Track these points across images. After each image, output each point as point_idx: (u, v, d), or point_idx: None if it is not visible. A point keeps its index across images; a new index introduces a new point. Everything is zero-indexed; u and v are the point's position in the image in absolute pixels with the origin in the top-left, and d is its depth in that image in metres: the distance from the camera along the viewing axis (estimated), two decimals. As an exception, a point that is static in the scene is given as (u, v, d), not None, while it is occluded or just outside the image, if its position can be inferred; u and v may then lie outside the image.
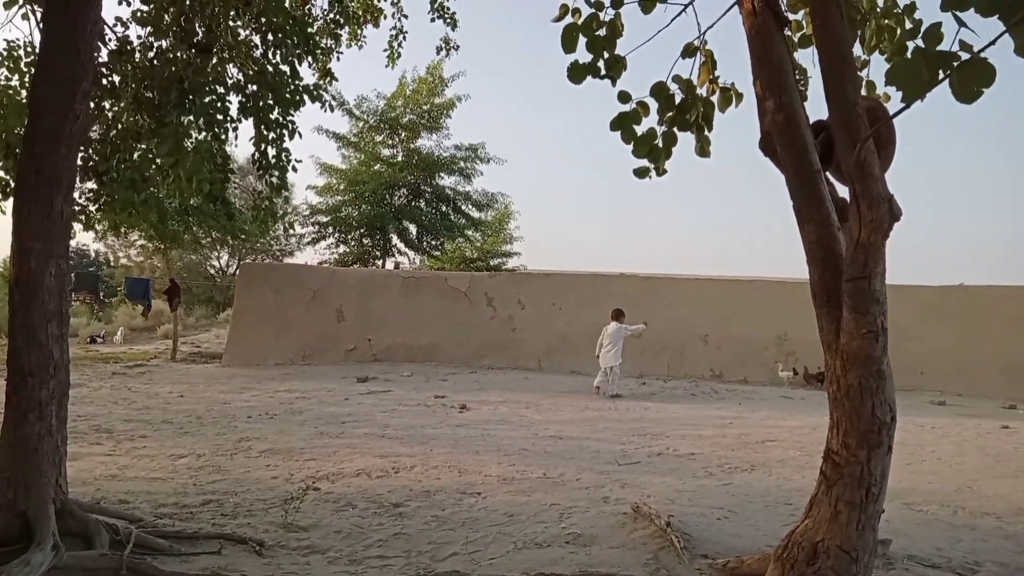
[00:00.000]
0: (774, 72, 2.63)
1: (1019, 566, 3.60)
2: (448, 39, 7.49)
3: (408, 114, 19.01)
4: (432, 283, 14.88)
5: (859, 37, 3.78)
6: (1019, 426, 9.07)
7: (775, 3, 2.73)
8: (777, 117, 2.63)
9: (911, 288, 13.70)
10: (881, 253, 2.39)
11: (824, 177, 2.77)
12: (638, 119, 3.71)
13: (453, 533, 3.91)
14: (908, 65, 2.09)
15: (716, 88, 3.83)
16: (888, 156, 2.83)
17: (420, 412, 8.55)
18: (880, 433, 2.43)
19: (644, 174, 3.89)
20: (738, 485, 5.31)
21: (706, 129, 3.89)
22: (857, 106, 2.30)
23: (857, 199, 2.36)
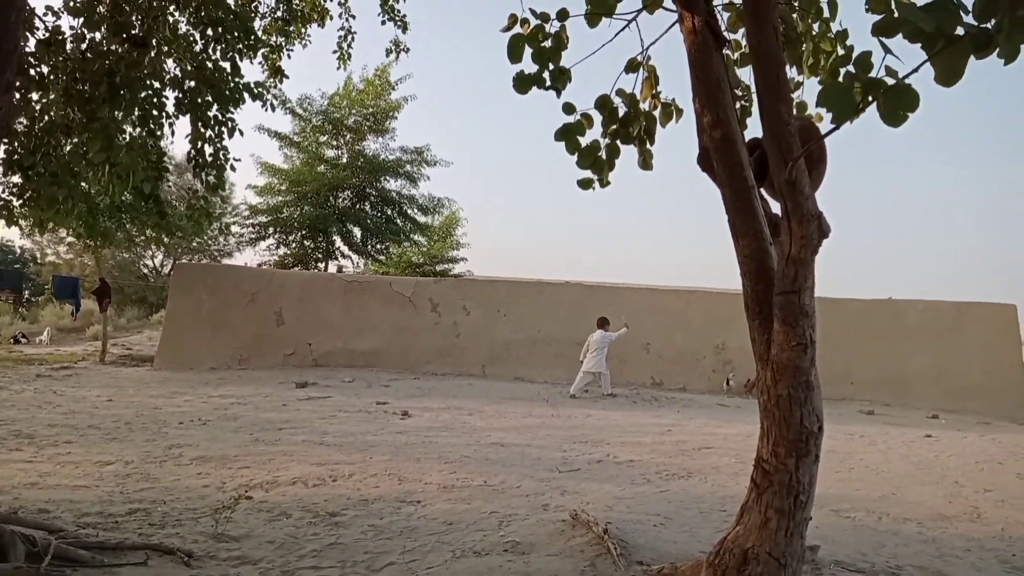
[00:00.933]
0: (712, 89, 2.71)
1: (937, 569, 3.76)
2: (399, 41, 7.43)
3: (353, 115, 18.80)
4: (376, 287, 14.72)
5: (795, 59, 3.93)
6: (941, 435, 9.51)
7: (715, 22, 2.81)
8: (714, 134, 2.71)
9: (842, 301, 14.25)
10: (811, 268, 2.48)
11: (758, 193, 2.86)
12: (582, 131, 3.76)
13: (391, 542, 3.87)
14: (838, 88, 2.18)
15: (658, 103, 3.92)
16: (819, 175, 2.94)
17: (361, 419, 8.43)
18: (808, 442, 2.52)
19: (588, 185, 3.94)
20: (675, 492, 5.41)
21: (648, 143, 3.97)
22: (790, 126, 2.39)
23: (788, 216, 2.44)
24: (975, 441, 9.03)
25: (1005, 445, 8.70)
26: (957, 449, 8.19)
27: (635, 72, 3.79)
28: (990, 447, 8.49)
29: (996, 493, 5.87)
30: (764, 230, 2.74)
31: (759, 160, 2.79)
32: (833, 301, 14.09)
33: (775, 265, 2.63)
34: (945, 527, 4.73)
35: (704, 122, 2.82)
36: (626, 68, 3.76)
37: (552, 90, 3.51)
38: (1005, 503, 5.53)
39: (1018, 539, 4.51)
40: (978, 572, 3.76)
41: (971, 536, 4.52)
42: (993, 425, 11.85)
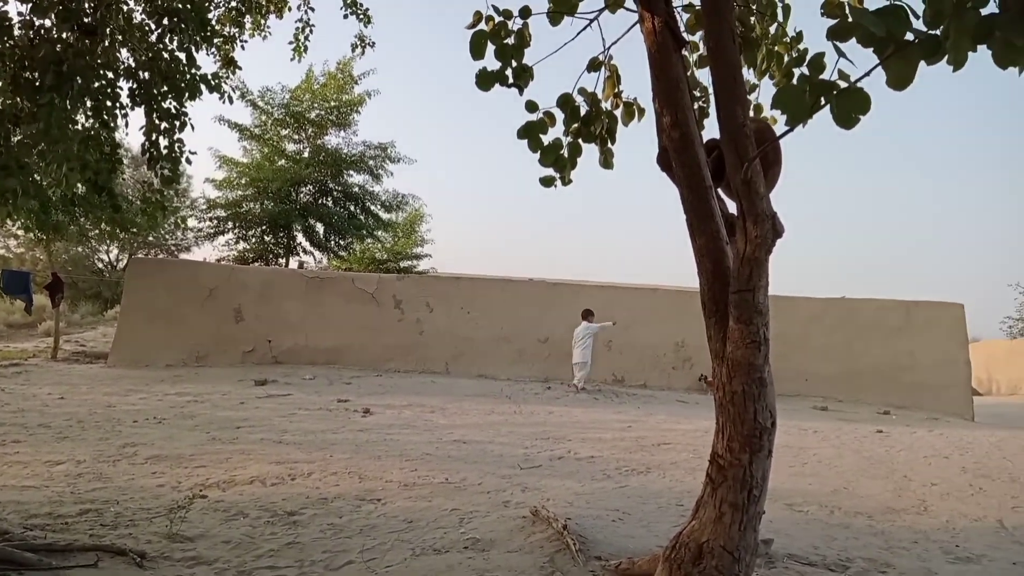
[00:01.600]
0: (671, 90, 2.74)
1: (884, 561, 3.88)
2: (363, 36, 7.35)
3: (315, 109, 18.56)
4: (338, 284, 14.58)
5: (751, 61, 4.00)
6: (891, 430, 9.79)
7: (674, 24, 2.84)
8: (673, 134, 2.74)
9: (798, 300, 14.57)
10: (765, 267, 2.53)
11: (715, 193, 2.91)
12: (544, 128, 3.77)
13: (350, 541, 3.84)
14: (792, 91, 2.23)
15: (620, 102, 3.95)
16: (775, 176, 3.00)
17: (321, 416, 8.35)
18: (762, 437, 2.57)
19: (550, 183, 3.96)
20: (633, 487, 5.47)
21: (610, 142, 4.00)
22: (745, 127, 2.43)
23: (743, 216, 2.49)
24: (924, 436, 9.32)
25: (951, 440, 9.00)
26: (906, 444, 8.45)
27: (597, 71, 3.81)
28: (937, 442, 8.77)
29: (942, 486, 6.07)
30: (721, 230, 2.78)
31: (716, 161, 2.83)
32: (789, 300, 14.41)
33: (731, 264, 2.67)
34: (893, 520, 4.87)
35: (663, 122, 2.86)
36: (588, 67, 3.78)
37: (514, 87, 3.52)
38: (950, 495, 5.72)
39: (961, 530, 4.67)
40: (923, 563, 3.88)
41: (918, 528, 4.67)
42: (941, 420, 12.26)
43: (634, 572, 3.06)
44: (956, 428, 11.01)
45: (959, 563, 3.93)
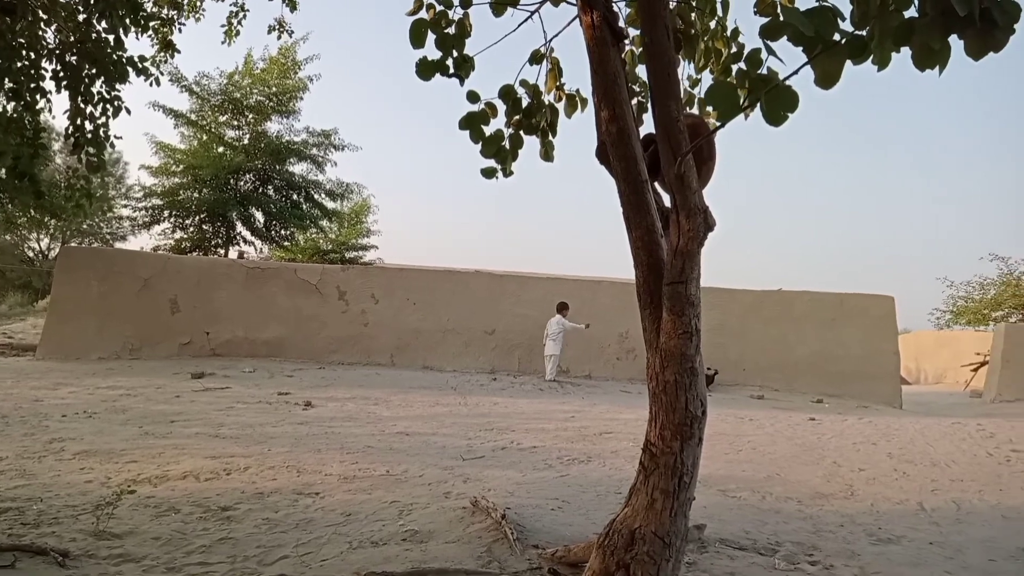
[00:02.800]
0: (609, 84, 2.77)
1: (812, 544, 4.02)
2: (283, 21, 7.18)
3: (255, 95, 18.07)
4: (279, 274, 14.29)
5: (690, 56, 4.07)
6: (823, 418, 10.15)
7: (612, 18, 2.87)
8: (610, 128, 2.77)
9: (736, 292, 14.94)
10: (697, 260, 2.59)
11: (652, 187, 2.95)
12: (486, 120, 3.77)
13: (285, 536, 3.78)
14: (724, 87, 2.28)
15: (562, 95, 3.97)
16: (709, 171, 3.06)
17: (260, 410, 8.18)
18: (692, 426, 2.63)
19: (491, 174, 3.96)
20: (574, 476, 5.54)
21: (551, 134, 4.02)
22: (679, 122, 2.47)
23: (676, 209, 2.53)
24: (854, 423, 9.69)
25: (879, 427, 9.38)
26: (837, 431, 8.77)
27: (539, 63, 3.82)
28: (866, 429, 9.13)
29: (869, 471, 6.33)
30: (656, 223, 2.83)
31: (653, 155, 2.87)
32: (728, 292, 14.79)
33: (665, 257, 2.72)
34: (822, 504, 5.06)
35: (601, 116, 2.88)
36: (530, 59, 3.79)
37: (455, 78, 3.50)
38: (876, 480, 5.97)
39: (885, 513, 4.89)
40: (848, 545, 4.04)
41: (844, 512, 4.86)
42: (871, 408, 12.77)
43: (569, 559, 3.10)
44: (884, 416, 11.48)
45: (881, 544, 4.11)
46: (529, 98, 3.83)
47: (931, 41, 1.98)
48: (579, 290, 14.89)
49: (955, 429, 9.34)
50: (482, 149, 3.80)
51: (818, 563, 3.66)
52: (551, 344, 13.18)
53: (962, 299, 23.77)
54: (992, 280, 22.54)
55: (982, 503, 5.30)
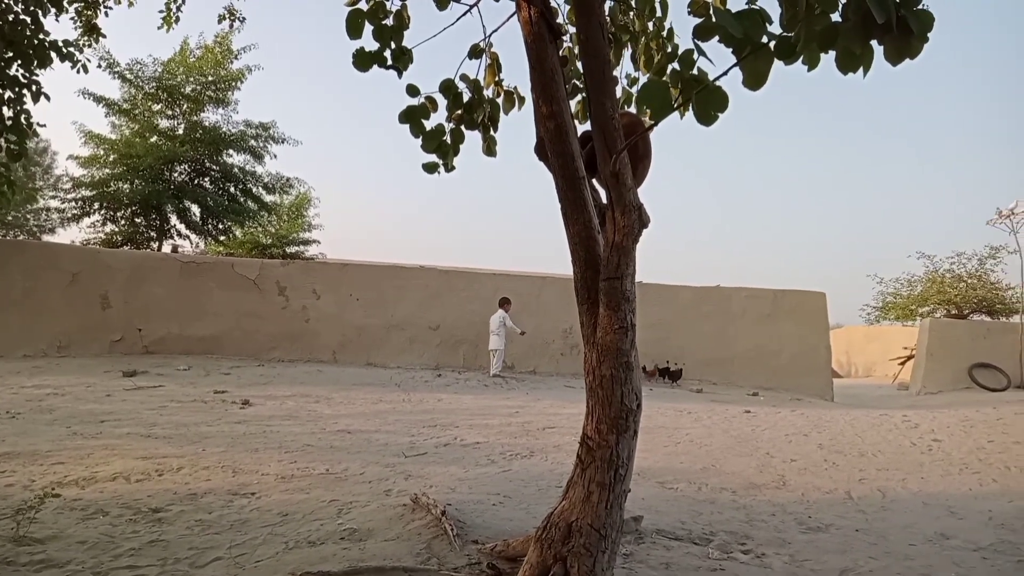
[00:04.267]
0: (546, 81, 2.78)
1: (744, 533, 4.14)
2: (233, 9, 6.97)
3: (191, 83, 17.47)
4: (216, 269, 13.90)
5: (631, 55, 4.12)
6: (758, 411, 10.45)
7: (550, 15, 2.87)
8: (548, 124, 2.78)
9: (676, 288, 15.25)
10: (632, 256, 2.62)
11: (590, 184, 2.98)
12: (426, 114, 3.74)
13: (219, 537, 3.68)
14: (657, 87, 2.31)
15: (501, 90, 3.97)
16: (644, 169, 3.10)
17: (195, 409, 7.95)
18: (628, 419, 2.67)
19: (433, 169, 3.93)
20: (516, 471, 5.56)
21: (492, 129, 4.02)
22: (614, 120, 2.50)
23: (612, 206, 2.56)
24: (787, 416, 10.01)
25: (811, 419, 9.71)
26: (771, 423, 9.05)
27: (478, 58, 3.81)
28: (799, 421, 9.45)
29: (800, 462, 6.54)
30: (593, 219, 2.85)
31: (590, 152, 2.90)
32: (669, 288, 15.08)
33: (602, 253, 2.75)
34: (755, 494, 5.21)
35: (540, 112, 2.89)
36: (469, 54, 3.77)
37: (394, 70, 3.46)
38: (807, 471, 6.18)
39: (815, 502, 5.06)
40: (779, 534, 4.17)
41: (776, 501, 5.02)
42: (804, 401, 13.22)
43: (508, 554, 3.11)
44: (816, 408, 11.90)
45: (810, 532, 4.25)
46: (470, 93, 3.81)
47: (853, 45, 2.05)
48: (525, 286, 14.96)
49: (882, 420, 9.75)
50: (423, 144, 3.77)
51: (750, 552, 3.76)
52: (494, 339, 13.30)
53: (891, 295, 24.78)
54: (919, 277, 23.57)
55: (905, 491, 5.54)
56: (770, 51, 2.10)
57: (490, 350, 13.45)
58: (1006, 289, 20.81)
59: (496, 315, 13.39)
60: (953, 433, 8.52)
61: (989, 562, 3.75)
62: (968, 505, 5.06)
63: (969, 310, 21.22)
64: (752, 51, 2.08)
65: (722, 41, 2.12)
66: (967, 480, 5.96)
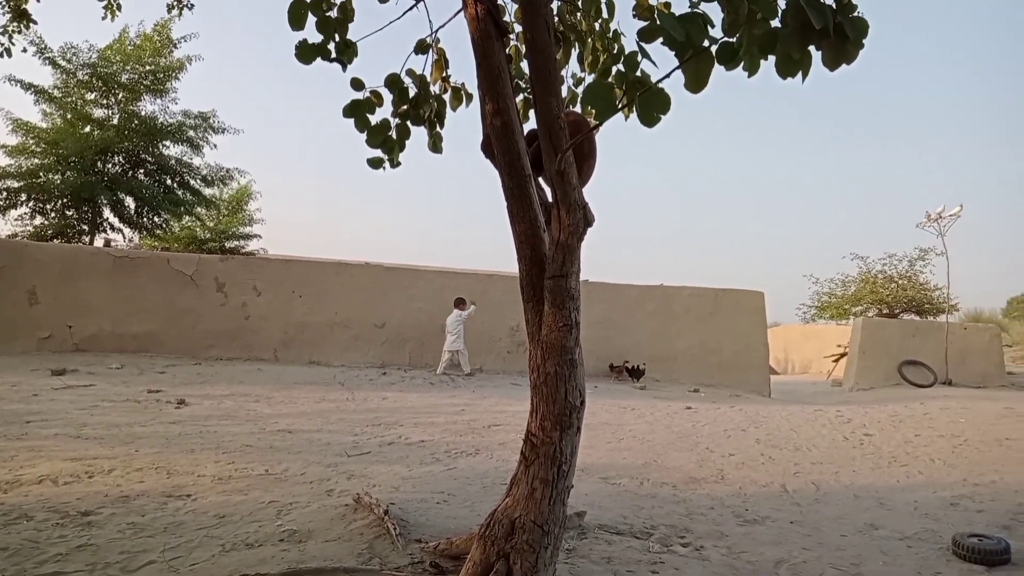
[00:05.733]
0: (493, 78, 2.78)
1: (684, 526, 4.22)
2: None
3: (127, 72, 16.81)
4: (151, 264, 13.43)
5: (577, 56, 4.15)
6: (699, 407, 10.68)
7: (497, 12, 2.87)
8: (495, 121, 2.78)
9: (622, 287, 15.45)
10: (577, 254, 2.64)
11: (535, 182, 2.99)
12: (372, 108, 3.70)
13: (152, 540, 3.55)
14: (601, 88, 2.33)
15: (448, 87, 3.95)
16: (590, 168, 3.13)
17: (128, 409, 7.66)
18: (571, 416, 2.69)
19: (378, 164, 3.89)
20: (461, 469, 5.55)
21: (438, 125, 3.99)
22: (559, 119, 2.51)
23: (557, 204, 2.58)
24: (726, 412, 10.27)
25: (749, 415, 9.99)
26: (711, 419, 9.26)
27: (425, 53, 3.78)
28: (737, 416, 9.70)
29: (738, 456, 6.72)
30: (539, 217, 2.87)
31: (537, 151, 2.91)
32: (614, 287, 15.27)
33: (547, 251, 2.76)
34: (695, 489, 5.33)
35: (487, 109, 2.89)
36: (415, 49, 3.74)
37: (338, 63, 3.40)
38: (744, 465, 6.36)
39: (752, 496, 5.21)
40: (717, 527, 4.27)
41: (715, 495, 5.14)
42: (742, 397, 13.57)
43: (451, 552, 3.10)
44: (754, 404, 12.24)
45: (748, 525, 4.37)
46: (416, 88, 3.78)
47: (792, 51, 2.11)
48: (472, 284, 14.92)
49: (817, 416, 10.10)
50: (368, 138, 3.73)
51: (689, 545, 3.84)
52: (450, 339, 13.26)
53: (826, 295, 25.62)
54: (853, 278, 24.43)
55: (837, 483, 5.75)
56: (711, 55, 2.13)
57: (449, 351, 13.37)
58: (934, 290, 21.75)
59: (452, 316, 13.36)
60: (883, 428, 8.89)
61: (914, 550, 3.92)
62: (896, 496, 5.29)
63: (899, 310, 22.12)
64: (694, 55, 2.12)
65: (665, 44, 2.15)
66: (895, 473, 6.23)
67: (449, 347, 13.33)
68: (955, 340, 17.10)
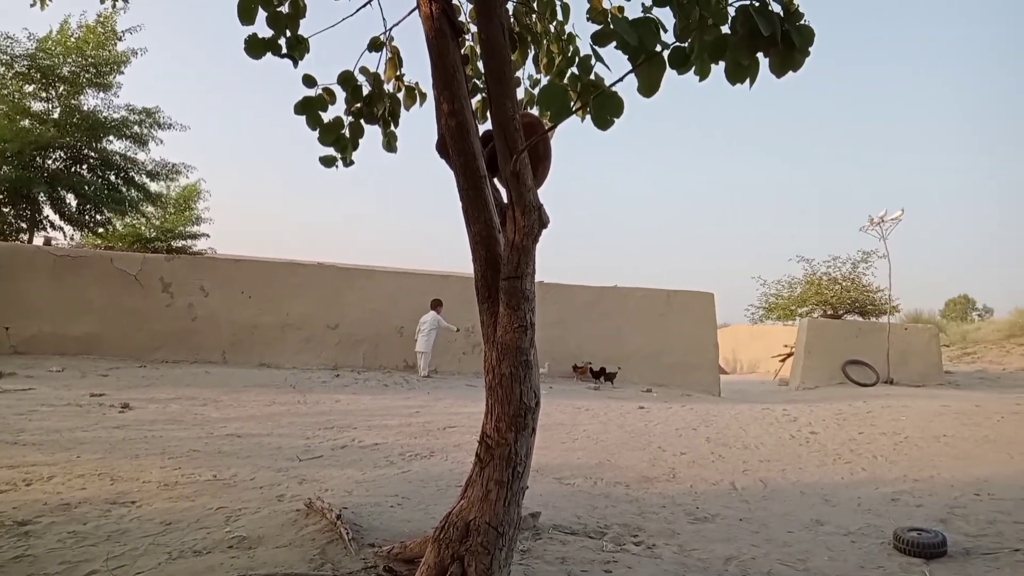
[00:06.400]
0: (448, 78, 2.76)
1: (636, 525, 4.27)
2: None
3: (68, 64, 16.20)
4: (94, 264, 12.99)
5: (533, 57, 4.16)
6: (652, 406, 10.82)
7: (452, 12, 2.86)
8: (450, 121, 2.77)
9: (575, 288, 15.56)
10: (532, 255, 2.65)
11: (491, 183, 2.99)
12: (324, 105, 3.65)
13: (94, 549, 3.43)
14: (556, 90, 2.34)
15: (402, 85, 3.92)
16: (545, 169, 3.15)
17: (69, 413, 7.38)
18: (526, 417, 2.69)
19: (331, 163, 3.83)
20: (415, 472, 5.51)
21: (392, 124, 3.96)
22: (515, 120, 2.52)
23: (512, 206, 2.58)
24: (677, 411, 10.42)
25: (700, 414, 10.16)
26: (663, 418, 9.39)
27: (379, 51, 3.75)
28: (688, 416, 9.86)
29: (689, 455, 6.83)
30: (494, 218, 2.86)
31: (492, 151, 2.91)
32: (569, 288, 15.37)
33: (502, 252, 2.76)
34: (647, 487, 5.39)
35: (442, 109, 2.87)
36: (369, 47, 3.70)
37: (288, 59, 3.34)
38: (695, 463, 6.46)
39: (702, 494, 5.30)
40: (669, 525, 4.33)
41: (667, 494, 5.21)
42: (693, 396, 13.80)
43: (405, 556, 3.07)
44: (704, 403, 12.46)
45: (698, 523, 4.45)
46: (370, 86, 3.74)
47: (741, 57, 2.15)
48: (427, 285, 14.84)
49: (764, 414, 10.33)
50: (320, 136, 3.67)
51: (642, 543, 3.89)
52: (422, 340, 13.25)
53: (773, 296, 26.26)
54: (798, 280, 25.10)
55: (785, 481, 5.89)
56: (663, 60, 2.16)
57: (417, 352, 13.42)
58: (876, 291, 22.48)
59: (427, 316, 13.43)
60: (828, 426, 9.15)
61: (857, 545, 4.04)
62: (840, 493, 5.45)
63: (843, 311, 22.80)
64: (646, 59, 2.14)
65: (619, 48, 2.17)
66: (840, 469, 6.41)
67: (419, 347, 13.41)
68: (896, 340, 17.70)
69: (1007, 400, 12.54)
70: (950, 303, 48.50)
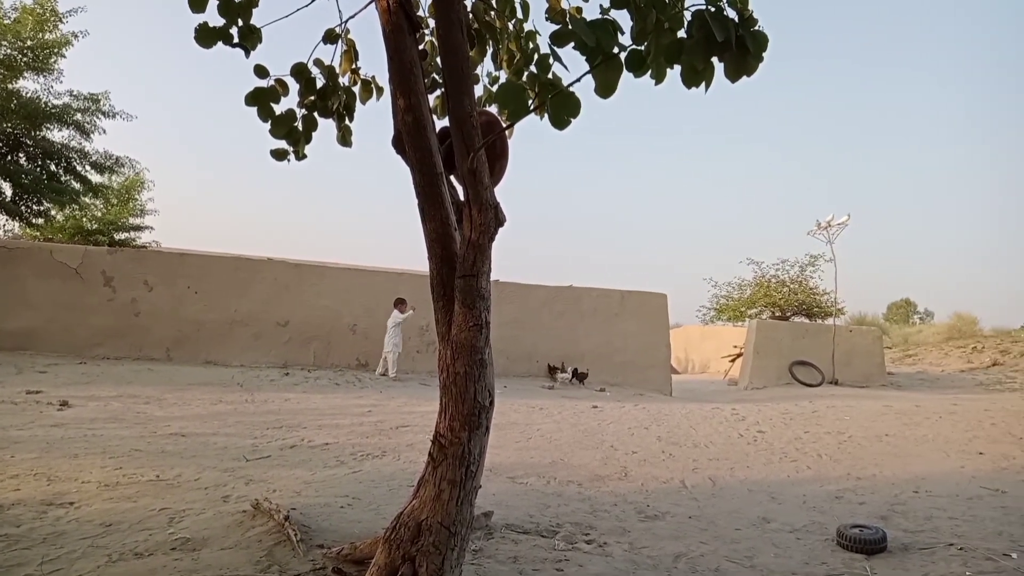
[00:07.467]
0: (405, 73, 2.73)
1: (588, 523, 4.30)
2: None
3: (5, 47, 15.50)
4: (31, 256, 12.49)
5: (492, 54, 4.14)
6: (605, 406, 10.92)
7: (409, 6, 2.82)
8: (406, 117, 2.73)
9: (531, 287, 15.60)
10: (488, 254, 2.63)
11: (447, 180, 2.96)
12: (276, 97, 3.56)
13: (29, 552, 3.29)
14: (513, 88, 2.33)
15: (358, 79, 3.85)
16: (502, 168, 3.14)
17: (4, 411, 7.08)
18: (480, 416, 2.68)
19: (282, 156, 3.75)
20: (367, 472, 5.44)
21: (348, 118, 3.89)
22: (472, 118, 2.50)
23: (469, 203, 2.56)
24: (630, 410, 10.54)
25: (652, 413, 10.30)
26: (616, 417, 9.49)
27: (334, 43, 3.68)
28: (640, 415, 9.98)
29: (640, 454, 6.91)
30: (450, 216, 2.83)
31: (449, 149, 2.88)
32: (524, 287, 15.41)
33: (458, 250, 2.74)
34: (599, 486, 5.43)
35: (398, 104, 2.83)
36: (324, 38, 3.63)
37: (240, 48, 3.25)
38: (646, 462, 6.54)
39: (653, 492, 5.37)
40: (620, 523, 4.37)
41: (618, 492, 5.26)
42: (646, 396, 13.98)
43: (355, 557, 3.03)
44: (656, 402, 12.63)
45: (649, 520, 4.50)
46: (324, 79, 3.67)
47: (696, 61, 2.18)
48: (382, 282, 14.69)
49: (714, 413, 10.53)
50: (271, 129, 3.59)
51: (593, 541, 3.92)
52: (387, 341, 13.26)
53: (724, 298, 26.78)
54: (748, 282, 25.65)
55: (733, 478, 6.01)
56: (620, 62, 2.17)
57: (384, 352, 13.39)
58: (823, 294, 23.11)
59: (392, 316, 13.35)
60: (775, 425, 9.37)
61: (802, 542, 4.14)
62: (786, 490, 5.58)
63: (791, 312, 23.38)
64: (604, 60, 2.15)
65: (576, 48, 2.17)
66: (786, 468, 6.57)
67: (387, 349, 13.32)
68: (841, 342, 18.24)
69: (945, 400, 13.06)
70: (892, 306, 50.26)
